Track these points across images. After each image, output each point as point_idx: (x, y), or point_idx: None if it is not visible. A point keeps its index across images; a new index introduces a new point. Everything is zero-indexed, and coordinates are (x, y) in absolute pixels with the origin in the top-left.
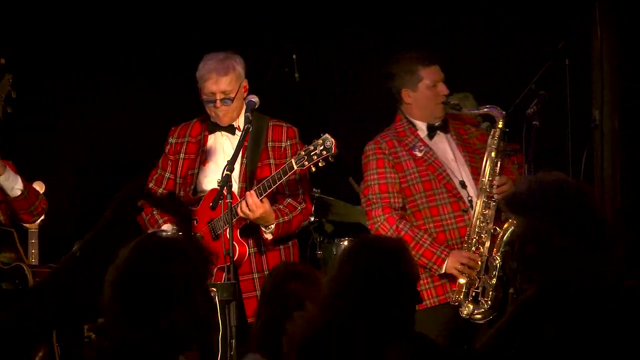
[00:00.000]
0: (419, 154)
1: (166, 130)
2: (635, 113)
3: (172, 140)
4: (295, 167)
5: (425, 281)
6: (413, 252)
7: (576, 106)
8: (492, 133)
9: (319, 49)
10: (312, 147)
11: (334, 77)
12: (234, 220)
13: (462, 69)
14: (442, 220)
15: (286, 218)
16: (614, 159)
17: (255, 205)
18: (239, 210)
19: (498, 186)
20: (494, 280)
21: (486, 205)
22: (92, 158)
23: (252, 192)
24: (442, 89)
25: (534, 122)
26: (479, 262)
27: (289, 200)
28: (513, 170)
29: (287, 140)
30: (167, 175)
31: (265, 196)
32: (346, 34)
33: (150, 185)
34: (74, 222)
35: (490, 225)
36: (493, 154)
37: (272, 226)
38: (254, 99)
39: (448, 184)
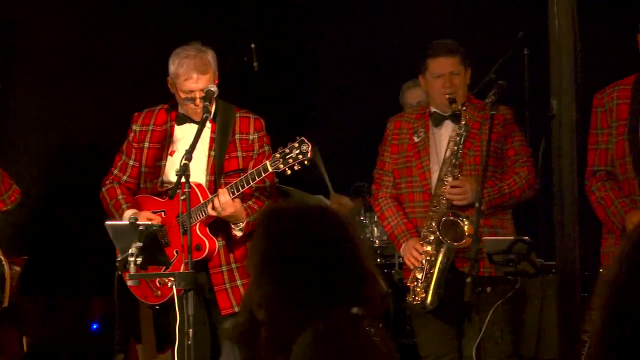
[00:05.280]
0: (416, 140)
1: (126, 116)
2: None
3: (136, 127)
4: (270, 170)
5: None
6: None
7: (534, 96)
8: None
9: (280, 37)
10: (287, 150)
11: (295, 64)
12: (204, 216)
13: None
14: (415, 207)
15: (256, 215)
16: (572, 149)
17: (226, 205)
18: (209, 208)
19: (451, 186)
20: (428, 278)
21: (437, 199)
22: (51, 146)
23: (225, 190)
24: (443, 82)
25: (492, 112)
26: (422, 258)
27: (257, 194)
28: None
29: (254, 133)
30: (131, 162)
31: (237, 196)
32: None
33: (115, 172)
34: (31, 211)
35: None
36: (452, 144)
37: (242, 224)
38: (213, 87)
39: (422, 174)
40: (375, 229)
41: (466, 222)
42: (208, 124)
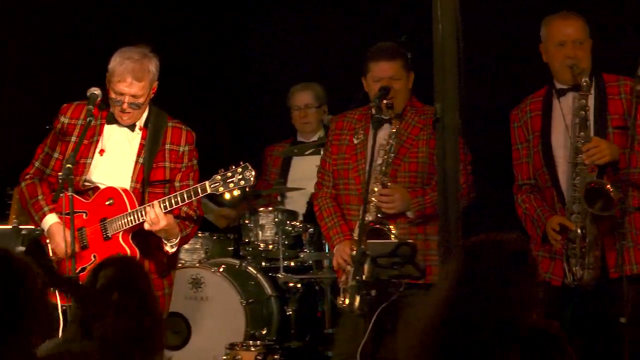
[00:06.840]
0: (356, 142)
1: (52, 107)
2: (477, 106)
3: (64, 119)
4: (208, 191)
5: None
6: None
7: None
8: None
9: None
10: (229, 174)
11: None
12: (129, 226)
13: (307, 61)
14: (351, 209)
15: (188, 230)
16: (456, 152)
17: (159, 218)
18: (141, 220)
19: (380, 194)
20: (353, 282)
21: (367, 206)
22: None
23: (156, 203)
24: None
25: (377, 116)
26: (350, 261)
27: (186, 209)
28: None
29: (185, 145)
30: (55, 155)
31: (168, 212)
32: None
33: (37, 164)
34: None
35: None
36: (382, 153)
37: (176, 240)
38: (96, 91)
39: (357, 177)
40: (260, 232)
41: (393, 230)
42: (138, 130)
